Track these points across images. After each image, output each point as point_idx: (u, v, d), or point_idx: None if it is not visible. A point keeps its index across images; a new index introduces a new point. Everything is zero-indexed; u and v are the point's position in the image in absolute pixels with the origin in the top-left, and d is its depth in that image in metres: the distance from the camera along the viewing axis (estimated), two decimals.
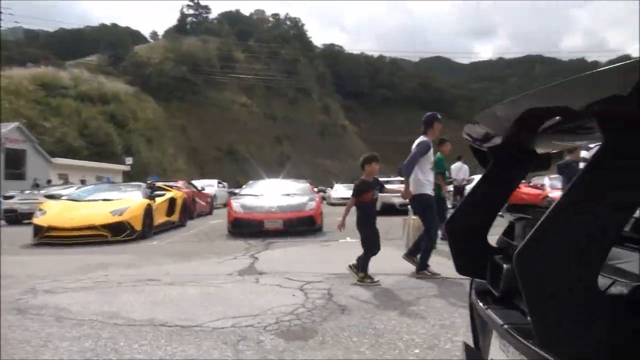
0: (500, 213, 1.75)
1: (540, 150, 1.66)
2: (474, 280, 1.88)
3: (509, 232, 1.77)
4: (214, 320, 3.72)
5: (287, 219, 9.87)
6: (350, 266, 5.19)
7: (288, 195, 10.84)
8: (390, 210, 14.68)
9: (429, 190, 5.56)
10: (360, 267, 5.08)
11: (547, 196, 10.72)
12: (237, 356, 2.94)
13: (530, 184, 11.91)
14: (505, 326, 1.28)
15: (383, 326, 3.51)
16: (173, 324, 3.65)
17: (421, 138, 5.60)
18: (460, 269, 1.77)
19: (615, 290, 0.94)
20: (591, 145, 4.65)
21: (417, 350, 2.98)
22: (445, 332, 3.33)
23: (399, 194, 5.84)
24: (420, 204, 5.56)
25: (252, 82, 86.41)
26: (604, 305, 0.91)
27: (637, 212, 1.10)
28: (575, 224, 0.92)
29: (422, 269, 5.38)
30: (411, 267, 5.48)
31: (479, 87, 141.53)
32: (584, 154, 7.58)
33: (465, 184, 14.94)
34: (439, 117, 5.81)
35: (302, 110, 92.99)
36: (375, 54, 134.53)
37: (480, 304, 1.57)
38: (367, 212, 5.19)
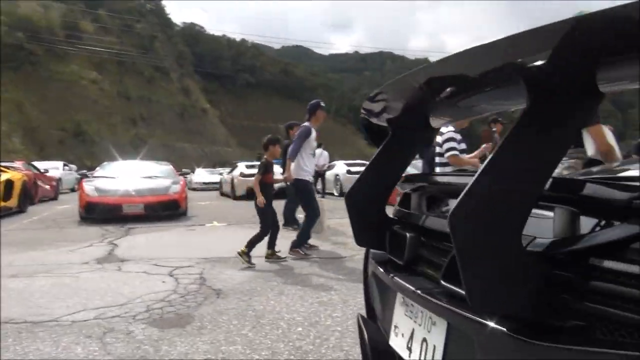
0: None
1: (434, 122, 1.71)
2: (369, 252, 1.90)
3: (404, 202, 1.81)
4: (73, 313, 3.32)
5: (149, 203, 9.26)
6: (240, 253, 5.05)
7: (149, 177, 10.15)
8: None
9: (308, 176, 5.67)
10: (248, 243, 5.05)
11: None
12: (106, 349, 2.65)
13: None
14: (419, 291, 1.30)
15: (262, 307, 3.45)
16: (22, 320, 3.17)
17: (305, 124, 5.72)
18: (359, 240, 1.77)
19: (534, 247, 0.99)
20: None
21: (299, 329, 2.98)
22: (324, 309, 3.38)
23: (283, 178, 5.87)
24: (298, 189, 5.65)
25: (103, 57, 79.05)
26: (530, 262, 0.95)
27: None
28: (501, 184, 0.94)
29: (295, 246, 5.49)
30: (283, 249, 5.49)
31: (337, 77, 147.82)
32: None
33: (326, 170, 15.58)
34: (323, 104, 5.93)
35: (160, 90, 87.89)
36: (238, 37, 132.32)
37: (384, 273, 1.58)
38: (270, 192, 5.20)
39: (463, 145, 4.52)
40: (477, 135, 7.91)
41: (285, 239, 5.54)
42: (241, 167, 16.49)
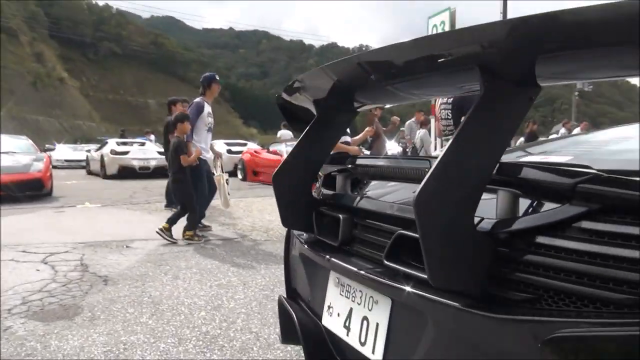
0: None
1: (357, 105, 1.75)
2: (292, 233, 1.90)
3: (327, 183, 1.83)
4: None
5: (6, 183, 8.17)
6: (160, 230, 4.95)
7: (5, 153, 8.94)
8: (130, 174, 13.74)
9: (204, 154, 5.47)
10: (188, 226, 5.06)
11: None
12: None
13: (271, 149, 12.75)
14: (362, 271, 1.33)
15: (159, 293, 3.29)
16: None
17: (197, 99, 5.47)
18: (286, 222, 1.76)
19: (482, 227, 1.07)
20: None
21: (202, 313, 2.89)
22: (225, 292, 3.33)
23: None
24: (193, 167, 5.41)
25: None
26: (481, 241, 1.03)
27: None
28: (458, 170, 1.01)
29: (189, 229, 5.27)
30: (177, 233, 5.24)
31: (211, 53, 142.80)
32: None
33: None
34: (217, 78, 5.67)
35: (8, 54, 77.33)
36: (100, 2, 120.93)
37: (317, 254, 1.60)
38: (185, 171, 5.11)
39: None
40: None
41: (180, 222, 5.28)
42: (112, 144, 15.30)
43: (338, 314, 1.47)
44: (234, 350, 2.35)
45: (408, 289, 1.17)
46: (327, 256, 1.53)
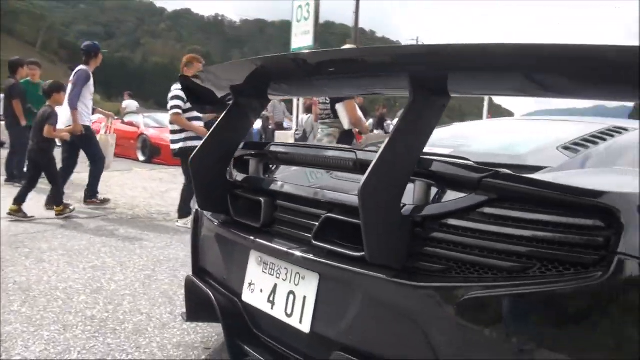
0: None
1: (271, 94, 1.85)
2: (201, 215, 1.95)
3: (240, 166, 1.90)
4: None
5: None
6: (10, 213, 4.58)
7: None
8: None
9: (88, 121, 5.37)
10: (56, 201, 4.87)
11: (142, 134, 11.05)
12: None
13: (126, 121, 11.92)
14: (290, 251, 1.47)
15: (25, 279, 3.01)
16: None
17: (80, 67, 5.26)
18: (203, 205, 1.82)
19: (406, 211, 1.27)
20: None
21: (83, 297, 2.75)
22: (103, 274, 3.18)
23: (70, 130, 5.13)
24: (80, 136, 5.14)
25: None
26: (405, 223, 1.24)
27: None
28: (394, 164, 1.19)
29: (91, 197, 5.49)
30: (31, 209, 4.72)
31: (45, 5, 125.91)
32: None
33: None
34: (99, 46, 5.59)
35: None
36: None
37: (238, 235, 1.68)
38: (52, 141, 4.88)
39: (189, 106, 4.49)
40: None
41: (12, 196, 4.76)
42: None
43: (261, 290, 1.59)
44: (127, 333, 2.32)
45: (338, 264, 1.34)
46: (249, 237, 1.63)
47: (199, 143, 1.79)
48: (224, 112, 1.81)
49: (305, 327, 1.42)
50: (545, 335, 1.05)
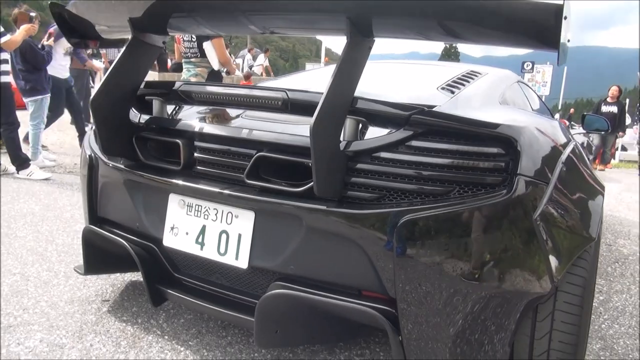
0: None
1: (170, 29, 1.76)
2: (97, 161, 1.81)
3: (140, 106, 1.79)
4: None
5: None
6: None
7: None
8: None
9: (63, 74, 5.35)
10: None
11: None
12: None
13: None
14: (220, 190, 1.47)
15: None
16: None
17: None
18: (107, 150, 1.71)
19: (342, 146, 1.37)
20: None
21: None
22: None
23: None
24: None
25: None
26: (342, 157, 1.34)
27: None
28: (335, 102, 1.27)
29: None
30: None
31: None
32: None
33: None
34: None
35: None
36: None
37: (153, 179, 1.62)
38: None
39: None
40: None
41: None
42: None
43: (187, 233, 1.58)
44: (5, 295, 2.08)
45: (277, 200, 1.40)
46: (167, 180, 1.59)
47: (10, 78, 1.64)
48: (124, 48, 1.67)
49: (242, 263, 1.47)
50: (468, 245, 1.27)
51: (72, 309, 2.00)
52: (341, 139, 1.37)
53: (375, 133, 1.39)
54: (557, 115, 6.67)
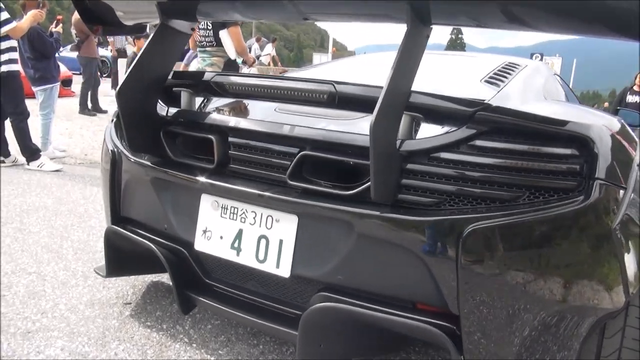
0: None
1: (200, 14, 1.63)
2: (120, 157, 1.69)
3: (171, 100, 1.67)
4: None
5: None
6: None
7: None
8: None
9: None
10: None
11: None
12: None
13: None
14: (260, 192, 1.35)
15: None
16: None
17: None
18: (134, 145, 1.58)
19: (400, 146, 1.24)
20: None
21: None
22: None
23: None
24: None
25: None
26: (398, 158, 1.21)
27: None
28: (395, 96, 1.14)
29: None
30: None
31: None
32: None
33: None
34: None
35: None
36: None
37: (185, 178, 1.50)
38: None
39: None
40: None
41: None
42: None
43: (221, 237, 1.46)
44: (21, 297, 1.97)
45: (324, 204, 1.27)
46: (199, 179, 1.46)
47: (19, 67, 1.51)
48: (151, 35, 1.54)
49: (284, 272, 1.35)
50: (541, 257, 1.14)
51: (93, 312, 1.89)
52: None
53: (431, 131, 1.26)
54: None
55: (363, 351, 1.49)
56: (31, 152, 4.18)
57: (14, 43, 4.10)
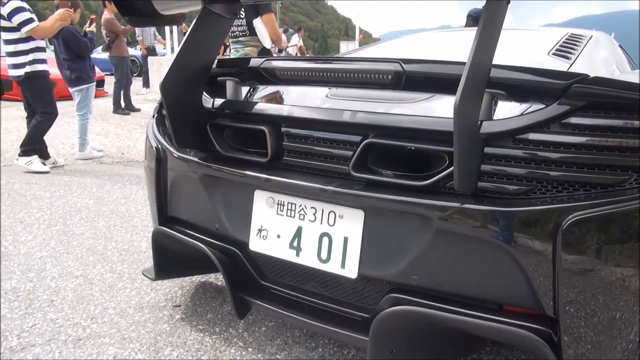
0: None
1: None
2: (165, 154, 1.60)
3: (216, 91, 1.56)
4: None
5: None
6: None
7: None
8: None
9: None
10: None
11: None
12: None
13: None
14: (321, 186, 1.22)
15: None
16: None
17: None
18: (180, 140, 1.48)
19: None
20: None
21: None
22: (2, 238, 2.61)
23: None
24: None
25: None
26: (479, 142, 1.07)
27: None
28: (477, 73, 0.99)
29: None
30: None
31: None
32: None
33: None
34: None
35: None
36: None
37: (237, 173, 1.39)
38: None
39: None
40: None
41: None
42: None
43: (278, 236, 1.34)
44: (70, 302, 1.91)
45: (395, 197, 1.14)
46: (252, 174, 1.35)
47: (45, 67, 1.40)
48: (194, 21, 1.43)
49: (350, 272, 1.23)
50: None
51: (143, 316, 1.82)
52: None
53: (514, 109, 1.11)
54: None
55: (436, 355, 1.35)
56: (28, 148, 4.05)
57: (41, 43, 4.04)
